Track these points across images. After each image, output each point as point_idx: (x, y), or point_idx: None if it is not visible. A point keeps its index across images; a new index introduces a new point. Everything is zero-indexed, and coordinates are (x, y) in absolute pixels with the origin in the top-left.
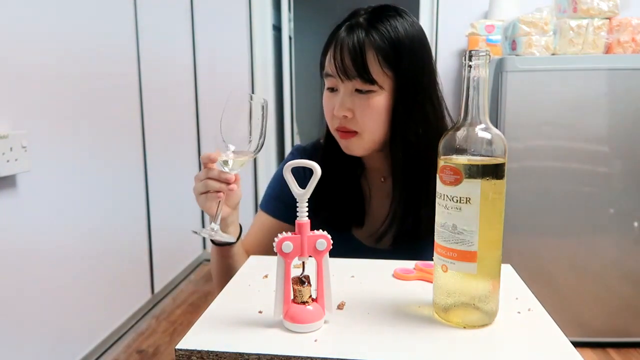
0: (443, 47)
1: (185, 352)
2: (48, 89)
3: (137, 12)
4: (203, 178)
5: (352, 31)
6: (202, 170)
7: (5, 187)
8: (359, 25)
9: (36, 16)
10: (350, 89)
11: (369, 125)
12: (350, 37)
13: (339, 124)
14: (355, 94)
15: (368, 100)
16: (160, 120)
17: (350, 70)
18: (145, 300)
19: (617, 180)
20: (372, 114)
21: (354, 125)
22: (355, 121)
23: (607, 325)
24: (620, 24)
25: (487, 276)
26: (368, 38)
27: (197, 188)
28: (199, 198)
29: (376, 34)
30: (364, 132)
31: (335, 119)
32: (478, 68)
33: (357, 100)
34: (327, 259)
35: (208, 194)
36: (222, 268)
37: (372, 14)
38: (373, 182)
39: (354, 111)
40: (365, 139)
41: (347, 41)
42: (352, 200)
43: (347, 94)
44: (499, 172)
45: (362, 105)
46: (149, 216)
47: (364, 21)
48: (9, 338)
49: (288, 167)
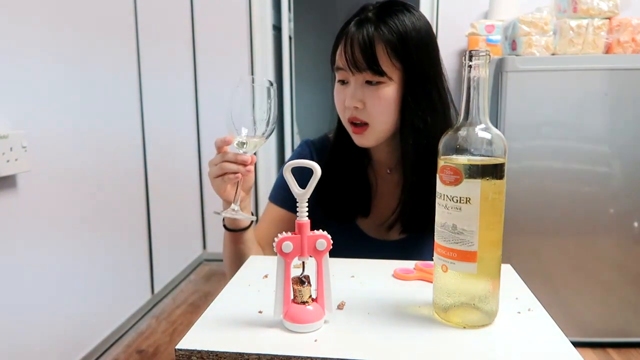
0: (443, 47)
1: (185, 352)
2: (48, 89)
3: (137, 13)
4: (219, 162)
5: (362, 26)
6: (217, 154)
7: (5, 187)
8: (368, 19)
9: (36, 16)
10: (361, 81)
11: (379, 115)
12: (359, 31)
13: (351, 114)
14: (365, 86)
15: (378, 91)
16: (160, 121)
17: (361, 62)
18: (145, 300)
19: (617, 180)
20: (382, 104)
21: (365, 116)
22: (366, 112)
23: (607, 325)
24: (620, 24)
25: (487, 276)
26: (377, 32)
27: (213, 172)
28: (215, 181)
29: (385, 27)
30: (375, 123)
31: (346, 110)
32: (478, 68)
33: (368, 92)
34: (327, 259)
35: (225, 176)
36: (235, 254)
37: (380, 9)
38: (379, 173)
39: (365, 102)
40: (376, 129)
41: (357, 35)
42: (358, 191)
43: (358, 85)
44: (499, 172)
45: (372, 96)
46: (149, 216)
47: (373, 16)
48: (9, 338)
49: (288, 167)
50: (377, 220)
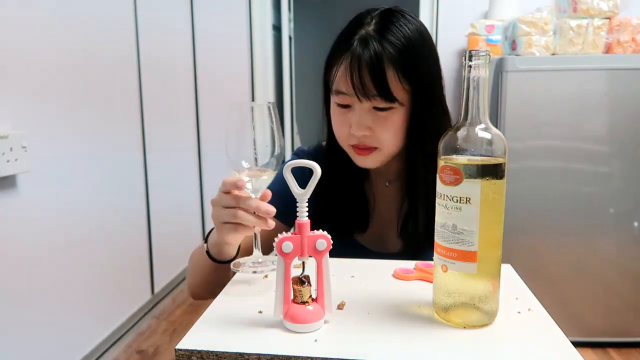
0: (443, 47)
1: (185, 352)
2: (48, 89)
3: (137, 13)
4: (230, 206)
5: (367, 45)
6: (227, 196)
7: (5, 187)
8: (370, 37)
9: (36, 16)
10: (368, 107)
11: (389, 140)
12: (366, 52)
13: (357, 141)
14: (372, 112)
15: (387, 117)
16: (161, 121)
17: (370, 89)
18: (145, 300)
19: (617, 180)
20: (391, 130)
21: (374, 142)
22: (375, 138)
23: (607, 325)
24: (620, 24)
25: (487, 276)
26: (385, 52)
27: (222, 216)
28: (223, 228)
29: (391, 46)
30: (384, 147)
31: (351, 137)
32: (478, 68)
33: (376, 119)
34: (327, 259)
35: (239, 227)
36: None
37: (381, 23)
38: (377, 186)
39: (374, 129)
40: (385, 153)
41: (363, 57)
42: (356, 206)
43: (365, 112)
44: (499, 172)
45: (382, 123)
46: (149, 216)
47: (375, 30)
48: (9, 338)
49: (288, 166)
50: (375, 234)
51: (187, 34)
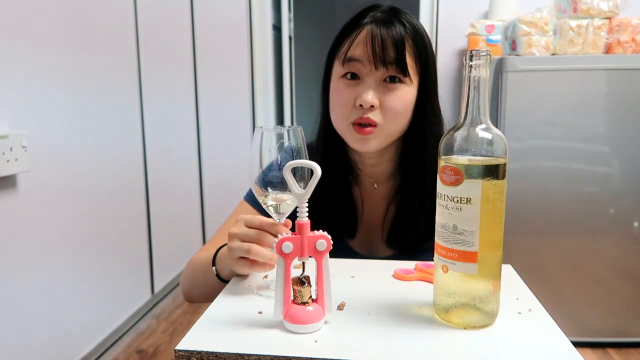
0: (443, 47)
1: (185, 352)
2: (48, 89)
3: (137, 13)
4: (249, 240)
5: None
6: (249, 230)
7: (5, 187)
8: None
9: (36, 15)
10: (380, 78)
11: (394, 116)
12: (388, 25)
13: (362, 114)
14: (382, 84)
15: (397, 90)
16: (161, 122)
17: (390, 56)
18: (145, 300)
19: (617, 180)
20: (400, 105)
21: (377, 116)
22: (379, 113)
23: (607, 325)
24: (620, 24)
25: (487, 277)
26: (405, 29)
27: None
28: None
29: (409, 25)
30: (386, 125)
31: (354, 110)
32: (478, 68)
33: (385, 90)
34: (327, 260)
35: (254, 264)
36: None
37: (392, 11)
38: (366, 189)
39: (382, 102)
40: (384, 133)
41: (385, 29)
42: (344, 208)
43: (377, 82)
44: (499, 172)
45: (391, 95)
46: (149, 216)
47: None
48: (9, 338)
49: (288, 167)
50: (364, 239)
51: (187, 33)
